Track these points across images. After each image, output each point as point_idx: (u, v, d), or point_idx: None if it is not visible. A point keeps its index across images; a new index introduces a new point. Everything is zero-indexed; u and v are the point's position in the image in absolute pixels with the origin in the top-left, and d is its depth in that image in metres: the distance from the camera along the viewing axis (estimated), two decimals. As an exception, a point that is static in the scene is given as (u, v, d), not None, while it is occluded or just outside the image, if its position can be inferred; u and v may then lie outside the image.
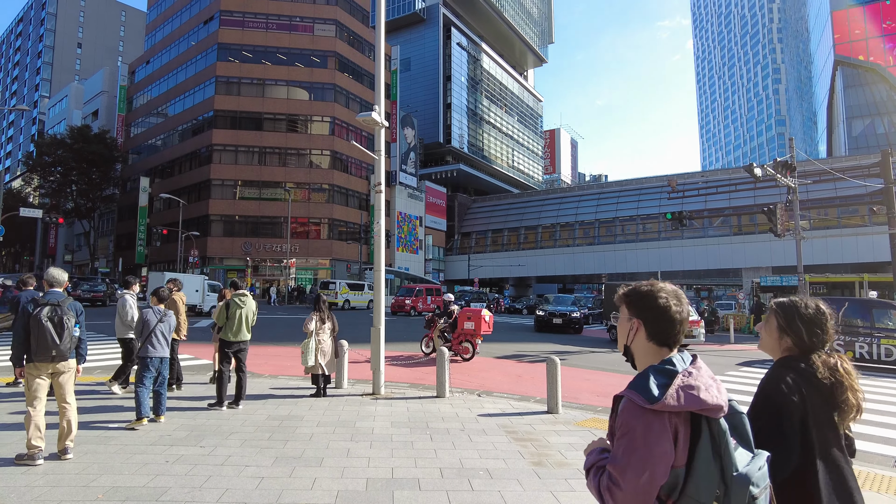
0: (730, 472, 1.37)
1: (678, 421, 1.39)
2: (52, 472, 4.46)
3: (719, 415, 1.40)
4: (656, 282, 1.63)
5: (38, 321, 4.63)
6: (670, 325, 1.55)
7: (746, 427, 1.49)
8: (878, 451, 5.96)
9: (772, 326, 1.94)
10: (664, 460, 1.36)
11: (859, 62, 54.79)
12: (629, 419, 1.41)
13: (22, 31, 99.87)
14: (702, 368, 1.49)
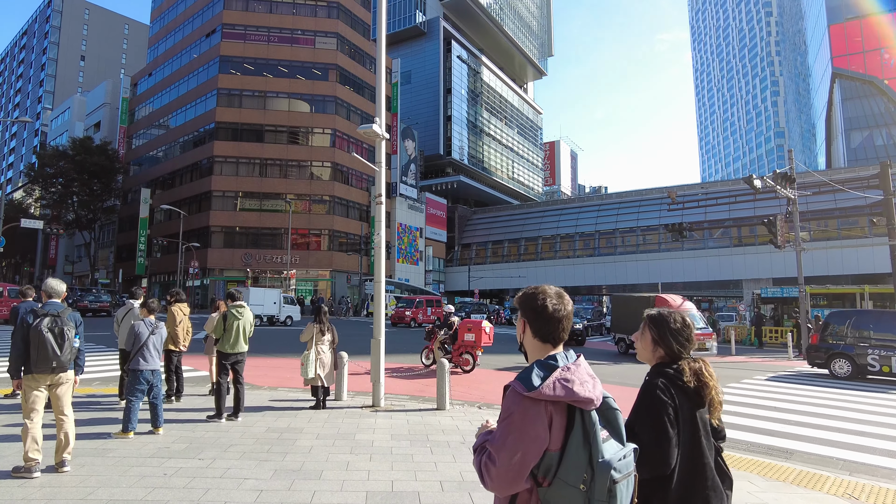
0: (596, 458, 1.52)
1: (554, 410, 1.55)
2: (48, 485, 4.42)
3: (591, 407, 1.56)
4: (543, 285, 1.81)
5: (38, 332, 4.57)
6: (550, 323, 1.71)
7: (619, 422, 1.65)
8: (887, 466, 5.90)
9: (647, 339, 2.17)
10: (537, 443, 1.52)
11: (857, 75, 55.15)
12: (510, 405, 1.58)
13: (26, 44, 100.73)
14: (581, 365, 1.67)
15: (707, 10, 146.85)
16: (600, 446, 1.54)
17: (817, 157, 78.21)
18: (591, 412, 1.57)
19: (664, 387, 2.02)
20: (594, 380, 1.64)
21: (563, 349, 1.73)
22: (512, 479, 1.53)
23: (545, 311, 1.72)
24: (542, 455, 1.53)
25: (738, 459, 5.69)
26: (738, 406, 9.14)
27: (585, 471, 1.52)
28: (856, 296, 24.12)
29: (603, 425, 1.60)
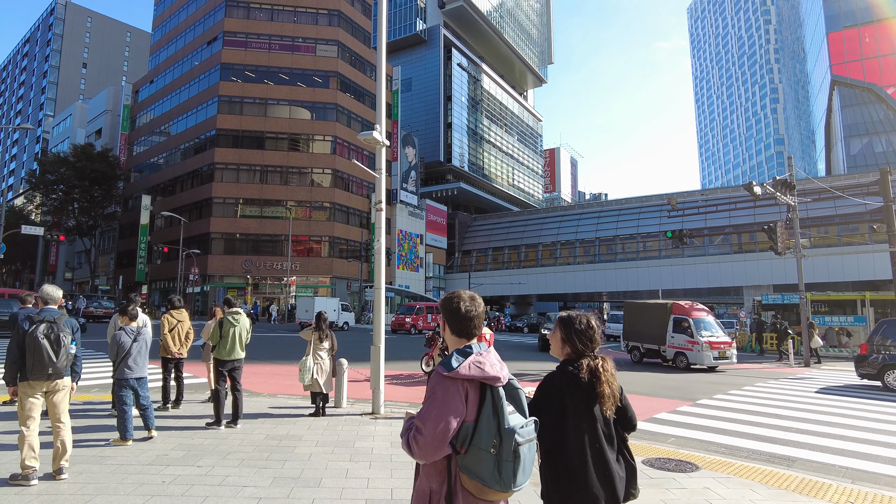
0: (503, 426, 1.87)
1: (469, 387, 1.91)
2: (46, 493, 4.39)
3: (498, 384, 1.93)
4: (459, 291, 2.18)
5: (34, 338, 4.52)
6: (463, 322, 2.08)
7: (522, 399, 2.03)
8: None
9: (557, 338, 2.48)
10: (456, 414, 1.86)
11: (856, 82, 55.35)
12: (434, 384, 1.91)
13: (28, 52, 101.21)
14: (491, 353, 2.03)
15: (706, 18, 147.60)
16: (507, 417, 1.89)
17: (817, 163, 78.33)
18: (499, 389, 1.93)
19: (556, 380, 2.38)
20: (501, 364, 2.02)
21: (476, 341, 2.08)
22: (437, 446, 1.84)
23: (459, 311, 2.08)
24: (460, 427, 1.87)
25: (739, 467, 5.66)
26: (739, 413, 9.11)
27: (495, 437, 1.86)
28: (857, 302, 24.08)
29: (509, 401, 1.95)
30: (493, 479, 1.86)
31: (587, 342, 2.40)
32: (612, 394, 2.32)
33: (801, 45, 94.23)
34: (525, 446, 1.89)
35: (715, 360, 15.84)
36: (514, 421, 1.91)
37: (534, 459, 1.97)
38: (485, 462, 1.85)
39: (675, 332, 16.66)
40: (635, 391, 11.63)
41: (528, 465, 1.92)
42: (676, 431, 7.67)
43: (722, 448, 6.74)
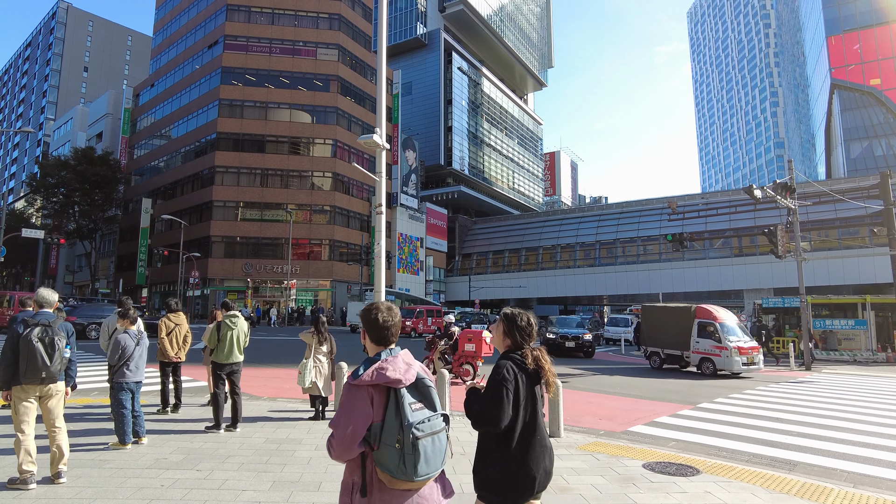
0: (405, 422, 2.07)
1: (374, 391, 2.12)
2: (44, 497, 4.37)
3: (400, 386, 2.13)
4: (377, 302, 2.42)
5: (28, 342, 4.48)
6: (381, 331, 2.31)
7: (431, 395, 2.23)
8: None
9: (500, 330, 2.83)
10: (363, 417, 2.08)
11: (855, 86, 55.40)
12: (344, 393, 2.17)
13: (30, 56, 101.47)
14: (398, 357, 2.22)
15: (706, 23, 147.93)
16: (407, 413, 2.09)
17: (817, 167, 78.35)
18: (401, 389, 2.14)
19: (510, 367, 2.64)
20: (409, 366, 2.21)
21: (392, 346, 2.32)
22: (347, 448, 2.08)
23: (377, 322, 2.31)
24: (370, 427, 2.09)
25: (740, 471, 5.64)
26: (740, 417, 9.08)
27: (399, 433, 2.07)
28: (857, 306, 24.03)
29: (418, 399, 2.18)
30: (399, 471, 2.07)
31: (526, 336, 2.77)
32: (555, 381, 2.75)
33: (800, 49, 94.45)
34: (426, 440, 2.09)
35: (743, 365, 15.16)
36: (414, 417, 2.10)
37: (440, 451, 2.16)
38: (391, 456, 2.07)
39: (700, 337, 15.98)
40: (636, 395, 11.61)
41: (430, 457, 2.11)
42: (677, 435, 7.64)
43: (723, 452, 6.72)
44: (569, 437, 7.03)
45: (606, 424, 8.33)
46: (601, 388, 12.45)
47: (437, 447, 2.15)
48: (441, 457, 2.18)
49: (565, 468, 5.61)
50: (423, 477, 2.11)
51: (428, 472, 2.12)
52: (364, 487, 2.13)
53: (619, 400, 10.90)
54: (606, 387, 12.79)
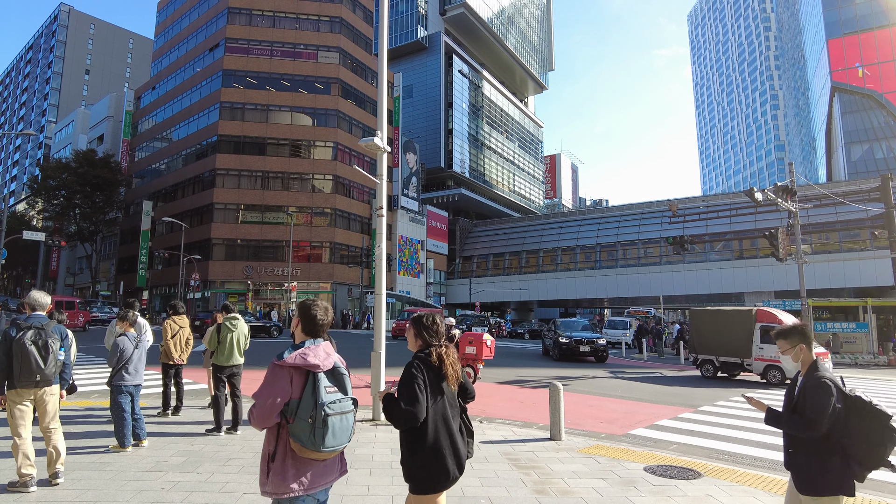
0: (319, 401, 2.48)
1: (294, 372, 2.53)
2: (45, 500, 4.37)
3: (318, 370, 2.54)
4: (317, 300, 2.82)
5: (21, 345, 4.46)
6: (315, 326, 2.72)
7: (344, 381, 2.65)
8: None
9: (411, 333, 3.16)
10: (282, 393, 2.49)
11: (856, 89, 55.45)
12: (268, 371, 2.55)
13: (31, 59, 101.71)
14: (320, 347, 2.64)
15: (706, 26, 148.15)
16: (322, 394, 2.50)
17: (818, 169, 78.32)
18: (319, 373, 2.54)
19: (418, 365, 2.95)
20: (328, 354, 2.64)
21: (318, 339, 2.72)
22: (266, 417, 2.48)
23: (315, 318, 2.72)
24: (288, 402, 2.49)
25: (742, 475, 5.63)
26: (741, 420, 9.06)
27: (313, 410, 2.47)
28: (858, 309, 24.02)
29: (333, 383, 2.59)
30: (309, 442, 2.46)
31: (434, 335, 3.09)
32: (455, 374, 3.02)
33: (801, 52, 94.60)
34: (335, 417, 2.50)
35: None
36: (327, 398, 2.51)
37: (346, 429, 2.58)
38: (304, 429, 2.46)
39: (764, 343, 14.88)
40: (637, 398, 11.59)
41: (338, 432, 2.52)
42: (678, 438, 7.63)
43: (724, 455, 6.70)
44: (570, 440, 7.02)
45: (607, 427, 8.32)
46: (601, 392, 12.43)
47: (345, 425, 2.57)
48: (347, 433, 2.59)
49: (566, 471, 5.60)
50: (330, 449, 2.50)
51: (334, 444, 2.52)
52: (274, 454, 2.53)
53: (620, 403, 10.88)
54: (607, 390, 12.77)
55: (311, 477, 2.56)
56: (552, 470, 5.64)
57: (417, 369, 2.92)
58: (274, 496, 2.53)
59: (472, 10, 72.40)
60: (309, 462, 2.55)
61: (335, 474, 2.70)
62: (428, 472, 2.89)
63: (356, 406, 2.66)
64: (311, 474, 2.56)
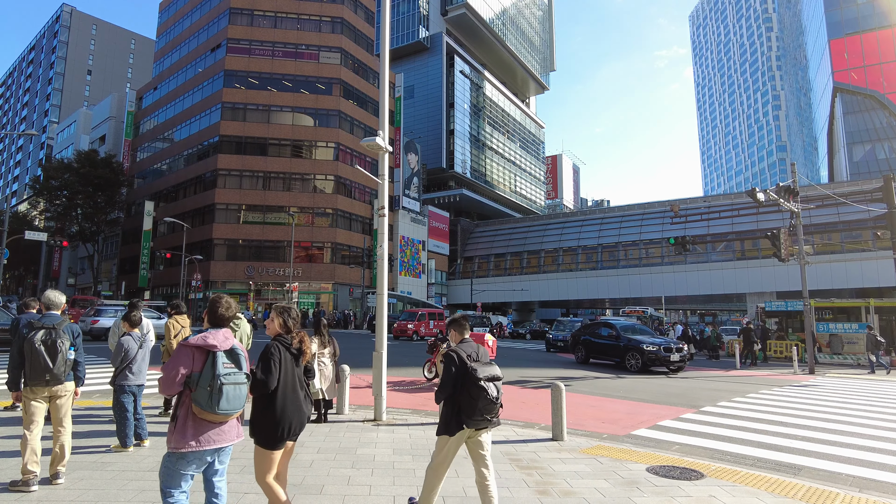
0: (216, 373, 3.08)
1: (196, 351, 3.14)
2: (46, 500, 4.37)
3: (215, 349, 3.14)
4: (225, 296, 3.45)
5: (31, 345, 4.58)
6: (219, 319, 3.35)
7: (239, 359, 3.24)
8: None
9: (277, 321, 3.76)
10: (184, 366, 3.09)
11: (858, 89, 55.35)
12: (176, 349, 3.17)
13: (34, 59, 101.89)
14: (220, 332, 3.26)
15: (708, 26, 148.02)
16: (219, 367, 3.10)
17: (819, 170, 78.19)
18: (217, 352, 3.14)
19: (277, 346, 3.60)
20: (226, 339, 3.25)
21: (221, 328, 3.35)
22: (169, 385, 3.07)
23: (219, 312, 3.36)
24: (191, 375, 3.08)
25: (744, 475, 5.61)
26: (743, 420, 9.04)
27: (211, 380, 3.06)
28: (861, 309, 23.96)
29: (230, 360, 3.19)
30: (208, 405, 3.06)
31: (294, 322, 3.80)
32: (308, 352, 3.83)
33: (802, 53, 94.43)
34: (228, 386, 3.10)
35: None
36: (223, 371, 3.11)
37: (239, 397, 3.17)
38: (204, 395, 3.06)
39: None
40: (639, 398, 11.57)
41: (231, 398, 3.11)
42: (681, 439, 7.61)
43: (727, 456, 6.68)
44: (572, 441, 7.00)
45: (609, 428, 8.30)
46: (604, 392, 12.41)
47: (238, 393, 3.16)
48: (240, 401, 3.19)
49: (568, 472, 5.58)
50: (224, 411, 3.09)
51: (228, 408, 3.11)
52: (176, 416, 3.14)
53: (622, 403, 10.86)
54: (609, 390, 12.75)
55: (206, 436, 3.13)
56: (554, 470, 5.62)
57: (276, 349, 3.58)
58: (175, 450, 3.09)
59: (473, 10, 72.42)
60: (206, 423, 3.13)
61: (232, 438, 3.27)
62: (275, 430, 3.50)
63: (249, 380, 3.28)
64: (207, 434, 3.13)
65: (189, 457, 3.11)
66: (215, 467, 3.32)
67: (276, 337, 3.69)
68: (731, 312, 62.42)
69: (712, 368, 19.81)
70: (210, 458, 3.23)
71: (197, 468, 3.20)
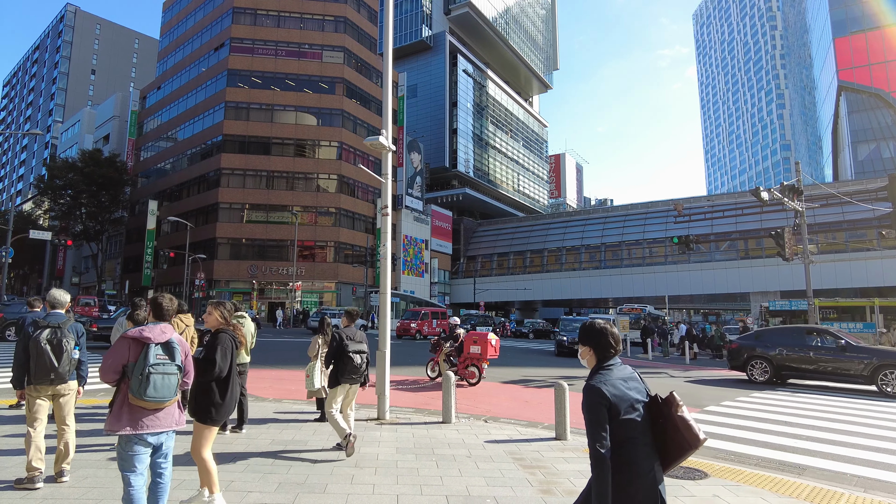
0: (148, 363, 3.33)
1: (132, 343, 3.39)
2: (51, 497, 4.38)
3: (150, 342, 3.37)
4: (165, 294, 3.74)
5: (36, 344, 4.62)
6: (162, 313, 3.61)
7: (174, 351, 3.45)
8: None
9: (214, 316, 4.28)
10: (120, 357, 3.37)
11: (862, 88, 55.11)
12: (115, 341, 3.47)
13: (38, 59, 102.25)
14: (157, 327, 3.48)
15: (712, 24, 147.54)
16: (151, 358, 3.34)
17: (824, 169, 77.91)
18: (151, 344, 3.37)
19: (226, 337, 4.15)
20: (163, 332, 3.46)
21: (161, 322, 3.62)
22: (106, 373, 3.39)
23: (162, 307, 3.62)
24: (127, 364, 3.36)
25: (749, 475, 5.59)
26: (747, 420, 9.01)
27: (143, 369, 3.30)
28: (865, 309, 23.88)
29: (165, 353, 3.41)
30: (137, 392, 3.29)
31: (229, 315, 4.33)
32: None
33: (807, 51, 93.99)
34: (156, 376, 3.32)
35: None
36: (154, 361, 3.34)
37: (167, 386, 3.37)
38: (136, 383, 3.30)
39: None
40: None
41: (158, 388, 3.33)
42: (684, 438, 7.57)
43: (731, 455, 6.67)
44: (575, 440, 7.00)
45: (613, 427, 8.28)
46: (607, 391, 12.37)
47: (166, 382, 3.37)
48: (169, 390, 3.38)
49: (571, 471, 5.57)
50: (150, 398, 3.30)
51: (155, 396, 3.32)
52: (115, 401, 3.42)
53: (626, 403, 10.83)
54: (612, 389, 12.71)
55: (141, 422, 3.35)
56: (558, 470, 5.61)
57: (226, 339, 4.13)
58: (110, 433, 3.35)
59: (476, 9, 72.35)
60: (139, 409, 3.36)
61: (169, 425, 3.46)
62: (224, 411, 4.10)
63: (181, 372, 3.49)
64: (142, 420, 3.35)
65: (130, 440, 3.36)
66: (163, 451, 3.54)
67: (220, 329, 4.21)
68: (735, 312, 62.25)
69: (716, 368, 19.76)
70: (152, 441, 3.43)
71: (143, 452, 3.40)
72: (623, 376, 2.55)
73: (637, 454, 2.37)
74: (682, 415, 2.38)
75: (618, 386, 2.48)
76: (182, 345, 3.56)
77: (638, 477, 2.35)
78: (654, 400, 2.50)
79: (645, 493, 2.34)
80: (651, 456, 2.40)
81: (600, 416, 2.39)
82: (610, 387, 2.46)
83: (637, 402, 2.45)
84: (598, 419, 2.38)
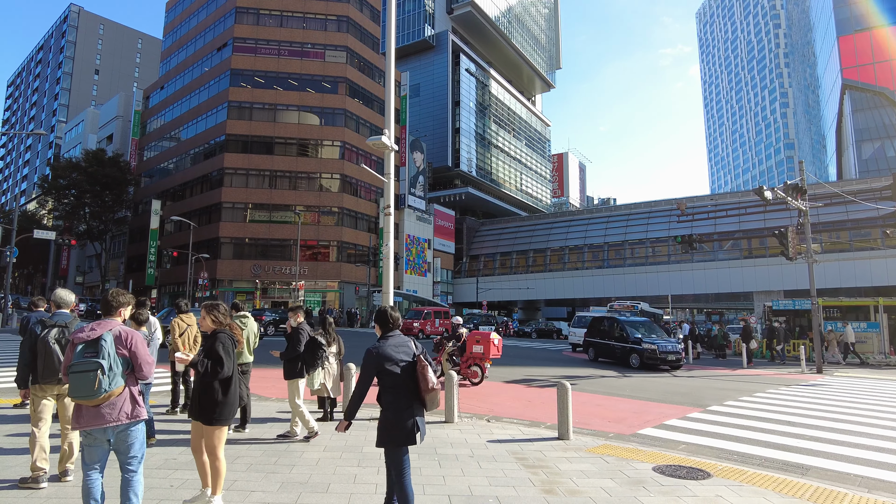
0: (71, 364, 3.38)
1: (70, 345, 3.45)
2: (55, 497, 4.40)
3: (78, 342, 3.40)
4: (115, 290, 3.77)
5: (45, 343, 4.62)
6: (110, 309, 3.68)
7: (100, 348, 3.38)
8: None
9: (208, 319, 4.30)
10: (66, 359, 3.40)
11: (867, 86, 54.85)
12: (74, 334, 3.51)
13: (42, 59, 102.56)
14: (101, 324, 3.50)
15: (715, 23, 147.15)
16: (74, 358, 3.35)
17: (828, 168, 77.61)
18: (79, 345, 3.39)
19: (224, 338, 4.19)
20: (93, 330, 3.44)
21: (114, 320, 3.70)
22: (63, 375, 3.51)
23: (111, 304, 3.68)
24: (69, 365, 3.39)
25: (752, 475, 5.58)
26: (750, 420, 8.99)
27: (69, 370, 3.33)
28: (869, 308, 23.79)
29: (91, 349, 3.39)
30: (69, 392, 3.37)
31: (224, 318, 4.35)
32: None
33: (811, 49, 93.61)
34: (73, 375, 3.31)
35: None
36: (74, 361, 3.35)
37: (86, 384, 3.29)
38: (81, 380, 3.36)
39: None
40: (645, 397, 11.53)
41: (76, 386, 3.31)
42: (687, 438, 7.58)
43: (734, 455, 6.65)
44: (578, 440, 6.99)
45: (615, 427, 8.28)
46: (609, 391, 12.38)
47: (83, 382, 3.30)
48: (87, 388, 3.30)
49: (574, 471, 5.57)
50: (74, 397, 3.34)
51: (75, 395, 3.33)
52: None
53: (628, 402, 10.83)
54: (615, 389, 12.71)
55: (84, 419, 3.39)
56: (560, 469, 5.61)
57: (227, 339, 4.19)
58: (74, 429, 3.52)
59: (479, 8, 72.27)
60: (79, 407, 3.43)
61: (109, 421, 3.41)
62: (232, 409, 4.15)
63: (103, 370, 3.36)
64: (85, 417, 3.39)
65: (81, 435, 3.50)
66: (120, 450, 3.59)
67: (218, 330, 4.27)
68: (738, 311, 62.08)
69: (719, 367, 19.72)
70: (100, 436, 3.48)
71: (94, 445, 3.49)
72: (395, 343, 3.79)
73: (398, 394, 3.68)
74: (423, 371, 3.63)
75: (387, 350, 3.71)
76: (128, 340, 3.52)
77: (399, 410, 3.65)
78: (417, 358, 3.71)
79: (405, 418, 3.64)
80: (409, 396, 3.67)
81: (370, 369, 3.72)
82: (382, 350, 3.72)
83: (402, 361, 3.69)
84: (366, 370, 3.72)
